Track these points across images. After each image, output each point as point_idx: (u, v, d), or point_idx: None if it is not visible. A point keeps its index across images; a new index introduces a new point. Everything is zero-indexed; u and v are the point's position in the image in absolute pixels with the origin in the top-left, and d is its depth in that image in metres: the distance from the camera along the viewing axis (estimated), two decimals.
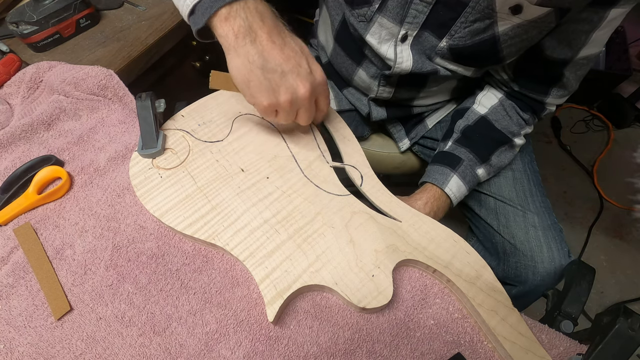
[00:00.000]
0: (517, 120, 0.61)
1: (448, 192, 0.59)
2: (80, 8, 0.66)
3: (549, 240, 0.62)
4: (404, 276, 0.45)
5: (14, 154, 0.52)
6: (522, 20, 0.47)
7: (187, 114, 0.54)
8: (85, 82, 0.56)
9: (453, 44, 0.53)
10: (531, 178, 0.68)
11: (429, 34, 0.54)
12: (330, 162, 0.51)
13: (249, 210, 0.46)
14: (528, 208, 0.64)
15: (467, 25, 0.50)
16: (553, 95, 0.58)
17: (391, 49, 0.57)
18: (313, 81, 0.42)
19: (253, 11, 0.40)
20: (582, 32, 0.49)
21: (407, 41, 0.56)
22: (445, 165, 0.61)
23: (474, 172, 0.61)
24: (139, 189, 0.47)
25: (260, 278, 0.41)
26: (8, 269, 0.43)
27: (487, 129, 0.61)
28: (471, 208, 0.71)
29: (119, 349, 0.39)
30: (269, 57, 0.40)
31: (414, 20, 0.53)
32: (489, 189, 0.68)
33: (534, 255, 0.61)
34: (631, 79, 1.47)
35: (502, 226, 0.65)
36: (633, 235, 1.31)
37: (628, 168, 1.47)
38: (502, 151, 0.62)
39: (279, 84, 0.41)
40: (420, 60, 0.57)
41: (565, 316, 0.47)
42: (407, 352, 0.40)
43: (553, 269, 0.60)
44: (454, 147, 0.62)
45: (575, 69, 0.54)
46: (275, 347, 0.40)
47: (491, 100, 0.62)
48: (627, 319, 0.35)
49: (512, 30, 0.49)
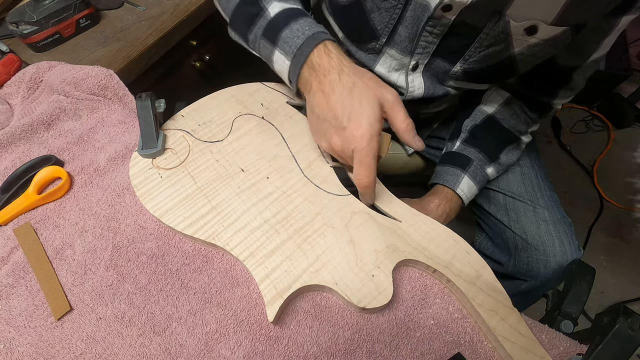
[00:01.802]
0: (524, 118, 0.61)
1: (460, 193, 0.59)
2: (80, 8, 0.66)
3: (560, 234, 0.62)
4: (404, 276, 0.45)
5: (14, 154, 0.52)
6: (538, 40, 0.46)
7: (187, 114, 0.54)
8: (85, 82, 0.56)
9: (468, 68, 0.52)
10: (539, 173, 0.69)
11: (440, 60, 0.54)
12: (330, 162, 0.51)
13: (249, 210, 0.46)
14: (538, 203, 0.65)
15: (481, 49, 0.49)
16: (560, 97, 0.58)
17: (402, 77, 0.57)
18: (344, 135, 0.41)
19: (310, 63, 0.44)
20: (593, 41, 0.49)
21: (419, 69, 0.56)
22: (456, 166, 0.60)
23: (484, 172, 0.61)
24: (139, 189, 0.47)
25: (260, 278, 0.41)
26: (8, 269, 0.43)
27: (494, 128, 0.61)
28: (480, 205, 0.71)
29: (119, 349, 0.39)
30: (316, 105, 0.44)
31: (424, 50, 0.52)
32: (497, 185, 0.68)
33: (546, 249, 0.61)
34: (631, 79, 1.47)
35: (512, 222, 0.65)
36: (633, 235, 1.31)
37: (628, 168, 1.47)
38: (510, 149, 0.62)
39: (324, 130, 0.44)
40: (432, 85, 0.57)
41: (565, 316, 0.47)
42: (407, 352, 0.40)
43: (565, 262, 0.61)
44: (463, 147, 0.62)
45: (583, 72, 0.54)
46: (275, 347, 0.40)
47: (498, 99, 0.62)
48: (627, 319, 0.35)
49: (528, 49, 0.48)
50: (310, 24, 0.45)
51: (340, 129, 0.41)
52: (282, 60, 0.46)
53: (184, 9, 0.72)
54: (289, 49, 0.45)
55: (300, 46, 0.44)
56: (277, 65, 0.48)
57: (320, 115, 0.43)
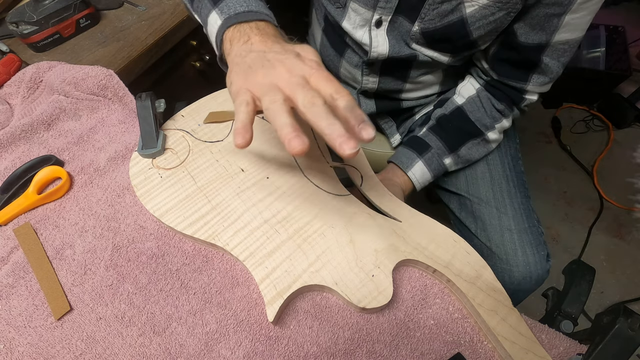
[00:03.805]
0: (490, 112, 0.61)
1: (411, 176, 0.60)
2: (80, 8, 0.66)
3: (524, 244, 0.61)
4: (404, 276, 0.45)
5: (14, 154, 0.52)
6: (488, 1, 0.48)
7: (187, 114, 0.54)
8: (85, 82, 0.56)
9: (424, 27, 0.54)
10: (511, 179, 0.67)
11: (403, 19, 0.55)
12: (330, 162, 0.51)
13: (249, 210, 0.46)
14: (504, 211, 0.64)
15: (435, 7, 0.51)
16: (533, 82, 0.57)
17: (366, 34, 0.58)
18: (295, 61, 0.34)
19: (254, 28, 0.40)
20: (553, 16, 0.49)
21: (382, 27, 0.57)
22: (413, 150, 0.61)
23: (440, 161, 0.61)
24: (139, 189, 0.47)
25: (260, 278, 0.41)
26: (8, 269, 0.43)
27: (461, 120, 0.62)
28: (452, 210, 0.71)
29: (119, 349, 0.39)
30: (255, 43, 0.38)
31: (386, 5, 0.54)
32: (467, 190, 0.68)
33: (509, 259, 0.61)
34: (631, 79, 1.47)
35: (479, 229, 0.65)
36: (633, 235, 1.31)
37: (628, 168, 1.47)
38: (473, 144, 0.62)
39: (263, 64, 0.35)
40: (398, 45, 0.58)
41: (565, 316, 0.47)
42: (407, 352, 0.40)
43: (528, 273, 0.60)
44: (426, 133, 0.63)
45: (556, 55, 0.54)
46: (275, 347, 0.40)
47: (469, 90, 0.63)
48: (627, 319, 0.35)
49: (479, 11, 0.50)
50: (258, 1, 0.45)
51: (290, 56, 0.35)
52: (216, 19, 0.44)
53: (184, 9, 0.72)
54: (226, 10, 0.43)
55: (239, 13, 0.42)
56: (210, 27, 0.45)
57: (262, 50, 0.37)
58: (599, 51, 1.53)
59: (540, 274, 0.61)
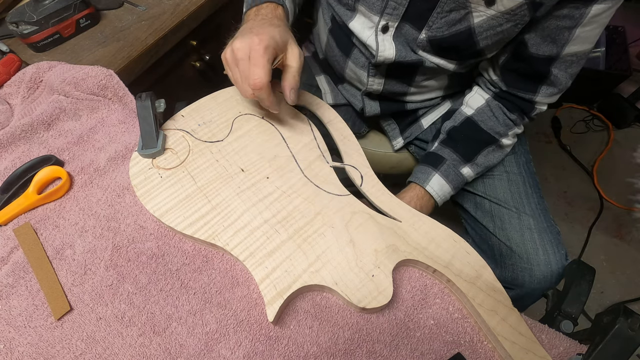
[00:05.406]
0: (503, 120, 0.61)
1: (430, 190, 0.60)
2: (80, 8, 0.66)
3: (544, 243, 0.62)
4: (404, 276, 0.45)
5: (14, 154, 0.52)
6: (496, 12, 0.48)
7: (187, 114, 0.54)
8: (85, 82, 0.56)
9: (432, 35, 0.54)
10: (527, 180, 0.68)
11: (409, 27, 0.55)
12: (330, 162, 0.51)
13: (249, 210, 0.46)
14: (523, 210, 0.64)
15: (443, 15, 0.51)
16: (542, 94, 0.57)
17: (372, 37, 0.58)
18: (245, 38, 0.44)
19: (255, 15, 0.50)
20: (564, 29, 0.49)
21: (389, 32, 0.57)
22: (428, 164, 0.62)
23: (457, 171, 0.61)
24: (139, 189, 0.47)
25: (260, 278, 0.41)
26: (8, 269, 0.43)
27: (472, 130, 0.62)
28: (467, 210, 0.71)
29: (119, 349, 0.39)
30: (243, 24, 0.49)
31: (393, 12, 0.54)
32: (484, 191, 0.68)
33: (530, 257, 0.61)
34: (631, 79, 1.47)
35: (497, 228, 0.65)
36: (633, 235, 1.31)
37: (628, 168, 1.46)
38: (489, 151, 0.62)
39: (233, 38, 0.46)
40: (404, 50, 0.58)
41: (565, 316, 0.47)
42: (407, 352, 0.40)
43: (549, 272, 0.60)
44: (439, 147, 0.63)
45: (564, 66, 0.54)
46: (275, 347, 0.40)
47: (478, 101, 0.63)
48: (627, 319, 0.35)
49: (487, 22, 0.50)
50: None
51: (247, 34, 0.44)
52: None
53: (184, 9, 0.72)
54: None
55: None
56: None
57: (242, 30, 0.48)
58: (599, 51, 1.53)
59: (560, 272, 0.61)
